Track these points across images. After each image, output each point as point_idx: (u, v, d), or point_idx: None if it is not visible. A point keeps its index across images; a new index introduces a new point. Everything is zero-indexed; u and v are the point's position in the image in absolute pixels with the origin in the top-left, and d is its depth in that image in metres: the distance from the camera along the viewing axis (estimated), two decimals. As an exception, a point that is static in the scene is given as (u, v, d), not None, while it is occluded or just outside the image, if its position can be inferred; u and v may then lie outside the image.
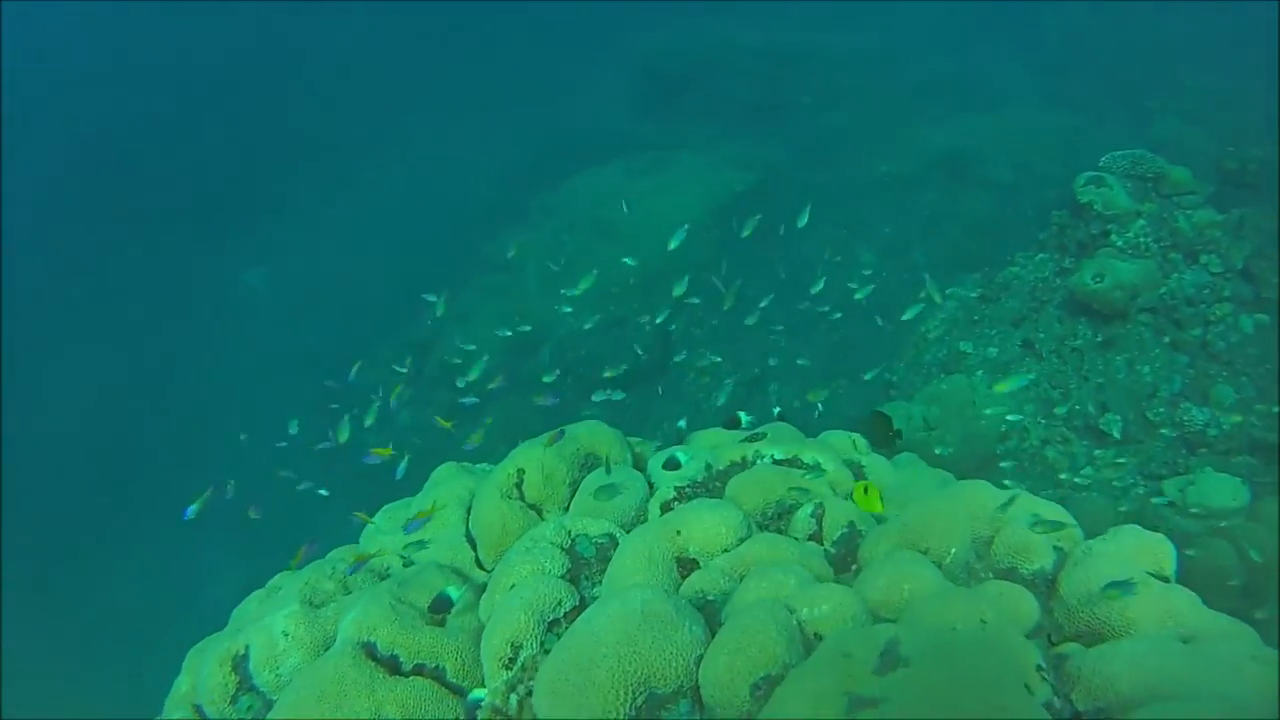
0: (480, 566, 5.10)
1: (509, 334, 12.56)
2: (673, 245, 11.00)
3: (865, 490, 4.65)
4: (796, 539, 4.61)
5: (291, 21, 39.98)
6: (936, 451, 12.07)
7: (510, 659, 3.97)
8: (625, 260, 12.29)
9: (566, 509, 5.24)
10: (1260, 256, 12.81)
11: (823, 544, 4.57)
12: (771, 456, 5.36)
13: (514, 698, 3.91)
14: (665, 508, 5.00)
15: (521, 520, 5.05)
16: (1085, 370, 13.07)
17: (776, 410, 6.86)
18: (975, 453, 12.11)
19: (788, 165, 22.93)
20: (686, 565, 4.34)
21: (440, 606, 4.61)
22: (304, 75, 38.04)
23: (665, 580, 4.17)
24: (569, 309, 12.25)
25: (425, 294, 15.28)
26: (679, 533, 4.38)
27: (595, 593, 4.42)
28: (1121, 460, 12.36)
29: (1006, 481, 7.13)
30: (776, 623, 3.35)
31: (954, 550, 4.17)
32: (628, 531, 4.84)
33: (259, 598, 5.36)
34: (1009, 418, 11.48)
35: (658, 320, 13.11)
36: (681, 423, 10.07)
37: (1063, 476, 12.43)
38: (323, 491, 6.99)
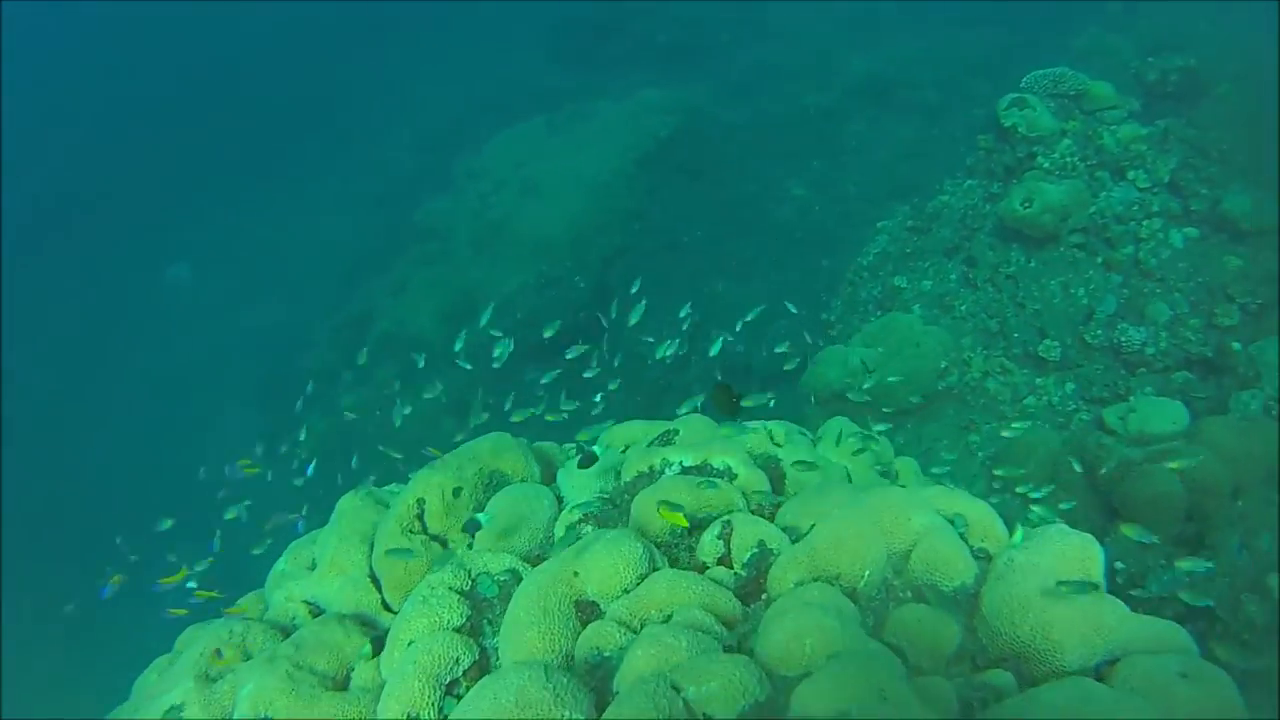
0: (388, 609, 4.86)
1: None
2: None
3: (670, 508, 4.44)
4: (706, 564, 4.38)
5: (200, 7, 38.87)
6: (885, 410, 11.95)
7: (408, 732, 3.75)
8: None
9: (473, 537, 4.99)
10: (1185, 168, 12.70)
11: (732, 567, 4.35)
12: (680, 464, 5.10)
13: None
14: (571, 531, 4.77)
15: (424, 556, 4.80)
16: (1021, 297, 12.95)
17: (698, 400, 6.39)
18: (914, 392, 11.98)
19: (710, 106, 22.57)
20: (586, 609, 4.09)
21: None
22: (216, 60, 37.08)
23: (562, 632, 3.90)
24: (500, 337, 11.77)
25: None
26: (576, 574, 4.12)
27: (497, 642, 4.18)
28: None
29: (934, 469, 6.89)
30: (658, 713, 3.11)
31: (868, 573, 3.95)
32: (533, 564, 4.59)
33: (160, 667, 5.09)
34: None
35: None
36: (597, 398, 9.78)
37: (1005, 408, 12.37)
38: (200, 589, 6.67)
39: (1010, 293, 13.06)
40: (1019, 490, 8.74)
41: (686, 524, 4.45)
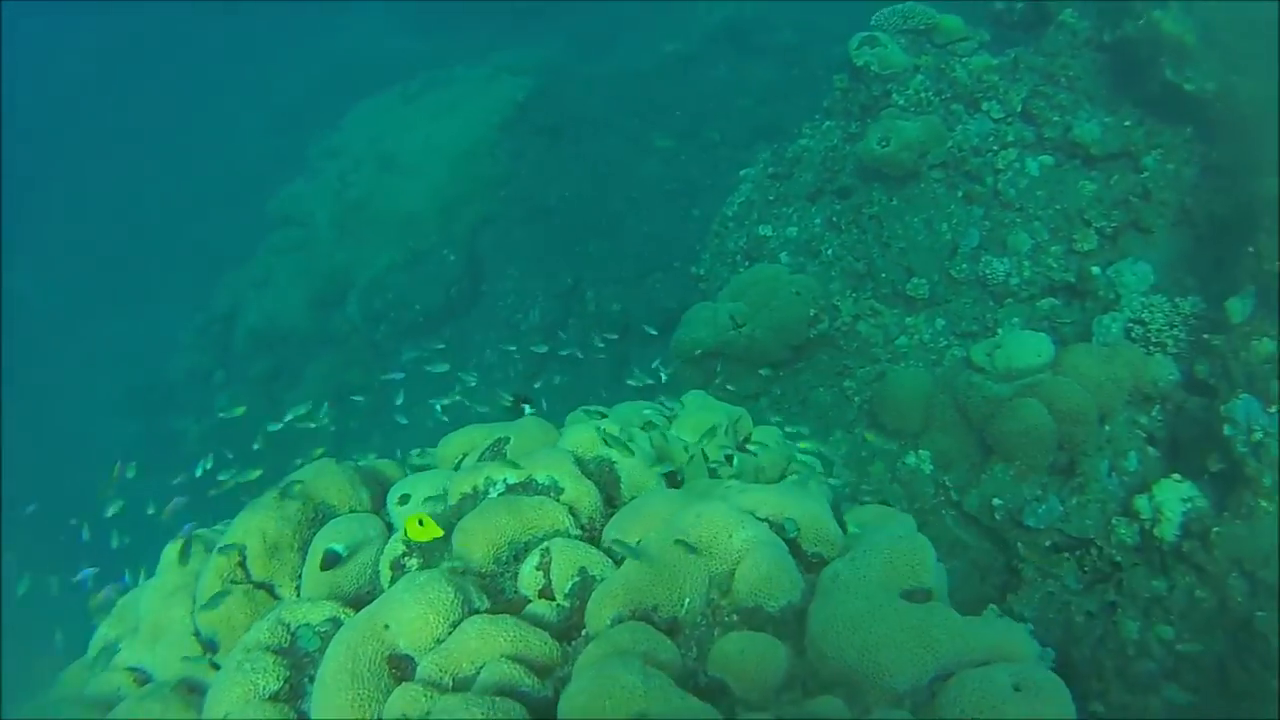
0: (217, 669, 4.57)
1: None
2: None
3: (420, 523, 4.25)
4: (529, 597, 4.18)
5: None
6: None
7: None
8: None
9: (301, 578, 4.71)
10: (1036, 96, 12.74)
11: (555, 598, 4.14)
12: (504, 481, 4.82)
13: None
14: (395, 566, 4.51)
15: (248, 608, 4.51)
16: (886, 237, 12.94)
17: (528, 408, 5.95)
18: (786, 343, 11.90)
19: (568, 63, 22.20)
20: (401, 664, 3.83)
21: None
22: (47, 54, 35.41)
23: (374, 697, 3.61)
24: None
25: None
26: (387, 627, 3.85)
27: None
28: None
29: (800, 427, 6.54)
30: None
31: (687, 601, 3.78)
32: (358, 608, 4.31)
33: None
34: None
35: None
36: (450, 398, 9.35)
37: (877, 350, 12.37)
38: None
39: (875, 233, 13.04)
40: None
41: (440, 532, 4.25)
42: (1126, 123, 12.02)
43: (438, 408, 9.05)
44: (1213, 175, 11.24)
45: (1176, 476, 9.39)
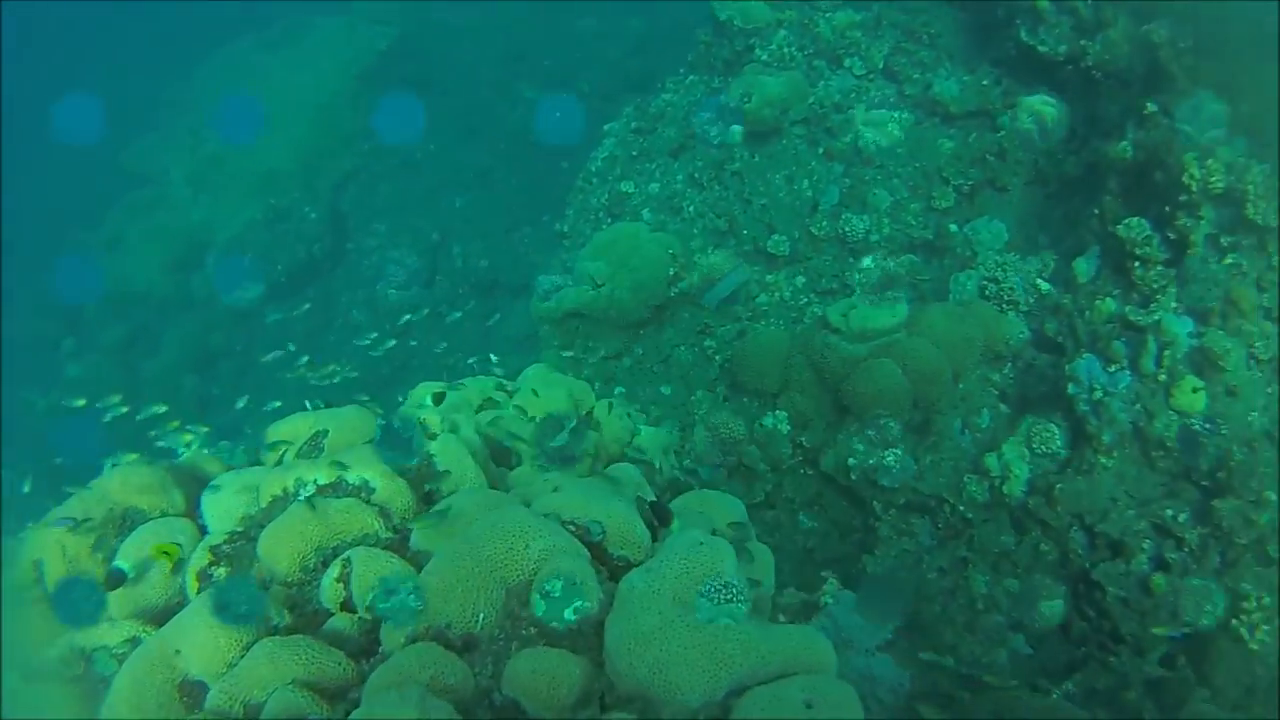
0: (20, 700, 4.31)
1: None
2: None
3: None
4: (331, 611, 4.02)
5: None
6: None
7: None
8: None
9: (108, 593, 4.44)
10: (898, 53, 12.78)
11: (356, 611, 3.98)
12: (314, 482, 4.54)
13: None
14: (201, 577, 4.30)
15: (46, 629, 4.25)
16: (747, 194, 12.88)
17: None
18: (647, 302, 11.80)
19: (431, 9, 21.60)
20: (193, 691, 3.64)
21: None
22: None
23: None
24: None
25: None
26: (178, 652, 3.65)
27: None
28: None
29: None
30: None
31: (481, 617, 3.67)
32: (162, 623, 4.08)
33: None
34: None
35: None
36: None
37: (738, 308, 12.35)
38: None
39: (736, 190, 12.96)
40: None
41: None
42: (984, 81, 12.11)
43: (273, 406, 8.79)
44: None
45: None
